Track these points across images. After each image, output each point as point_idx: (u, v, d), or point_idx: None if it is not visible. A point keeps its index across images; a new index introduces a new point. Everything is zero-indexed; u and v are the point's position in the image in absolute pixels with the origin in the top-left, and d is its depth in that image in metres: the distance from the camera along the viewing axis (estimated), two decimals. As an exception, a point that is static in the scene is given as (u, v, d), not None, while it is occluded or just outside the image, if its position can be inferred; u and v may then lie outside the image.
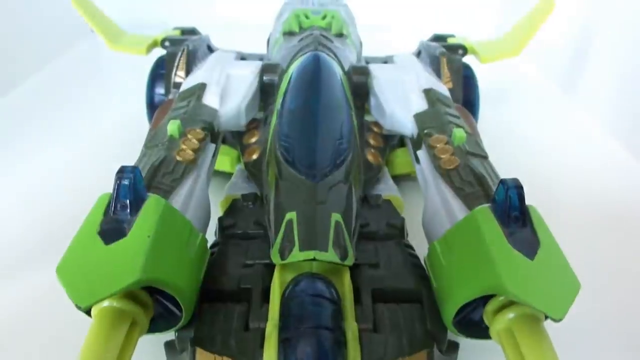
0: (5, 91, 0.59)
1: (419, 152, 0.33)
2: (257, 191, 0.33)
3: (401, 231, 0.30)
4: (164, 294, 0.22)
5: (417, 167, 0.34)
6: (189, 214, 0.26)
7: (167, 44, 0.48)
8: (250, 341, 0.23)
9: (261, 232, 0.29)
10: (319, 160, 0.29)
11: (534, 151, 0.50)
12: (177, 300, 0.22)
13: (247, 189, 0.34)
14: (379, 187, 0.35)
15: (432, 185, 0.30)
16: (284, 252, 0.25)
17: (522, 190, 0.24)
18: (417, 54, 0.48)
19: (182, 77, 0.44)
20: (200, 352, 0.23)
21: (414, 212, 0.34)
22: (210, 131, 0.32)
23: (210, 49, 0.48)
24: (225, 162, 0.40)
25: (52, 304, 0.27)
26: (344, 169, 0.29)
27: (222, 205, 0.34)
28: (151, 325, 0.23)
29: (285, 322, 0.22)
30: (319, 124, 0.31)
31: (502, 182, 0.24)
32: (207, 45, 0.48)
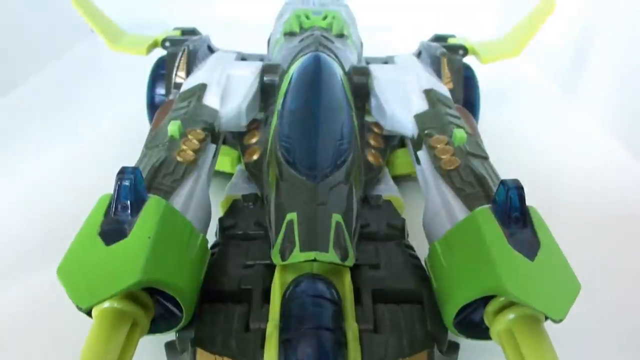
0: (5, 91, 0.59)
1: (420, 153, 0.33)
2: (258, 192, 0.33)
3: (402, 232, 0.30)
4: (165, 295, 0.22)
5: (418, 168, 0.34)
6: (189, 214, 0.27)
7: (167, 44, 0.48)
8: (250, 342, 0.23)
9: (262, 233, 0.29)
10: (319, 160, 0.29)
11: (534, 151, 0.50)
12: (178, 301, 0.22)
13: (247, 190, 0.34)
14: (379, 188, 0.35)
15: (433, 185, 0.30)
16: (284, 253, 0.25)
17: (523, 191, 0.24)
18: (418, 55, 0.48)
19: (182, 77, 0.44)
20: (200, 353, 0.23)
21: (414, 212, 0.34)
22: (210, 132, 0.32)
23: (210, 50, 0.48)
24: (225, 163, 0.40)
25: (52, 304, 0.27)
26: (345, 170, 0.29)
27: (223, 205, 0.34)
28: (152, 325, 0.23)
29: (285, 322, 0.22)
30: (319, 124, 0.31)
31: (503, 183, 0.24)
32: (208, 45, 0.48)
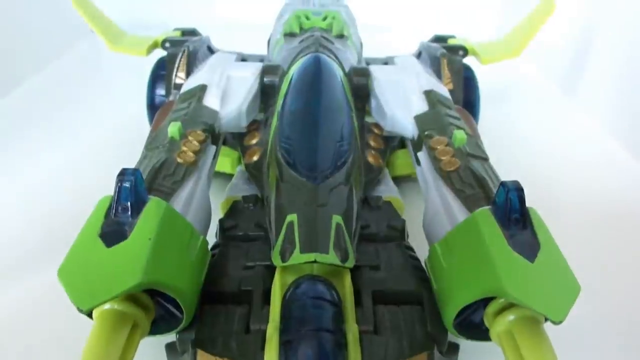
0: (6, 91, 0.59)
1: (420, 154, 0.33)
2: (258, 193, 0.33)
3: (402, 233, 0.30)
4: (165, 296, 0.22)
5: (418, 169, 0.34)
6: (189, 216, 0.27)
7: (167, 45, 0.48)
8: (251, 343, 0.23)
9: (262, 234, 0.29)
10: (319, 162, 0.29)
11: (534, 151, 0.50)
12: (178, 302, 0.22)
13: (247, 191, 0.34)
14: (379, 189, 0.35)
15: (433, 187, 0.30)
16: (284, 255, 0.25)
17: (523, 192, 0.24)
18: (418, 55, 0.48)
19: (182, 78, 0.44)
20: (201, 354, 0.23)
21: (414, 213, 0.34)
22: (211, 133, 0.32)
23: (210, 50, 0.48)
24: (225, 164, 0.40)
25: (52, 304, 0.27)
26: (345, 171, 0.29)
27: (223, 206, 0.34)
28: (152, 327, 0.23)
29: (286, 324, 0.22)
30: (319, 125, 0.31)
31: (503, 184, 0.24)
32: (208, 46, 0.48)
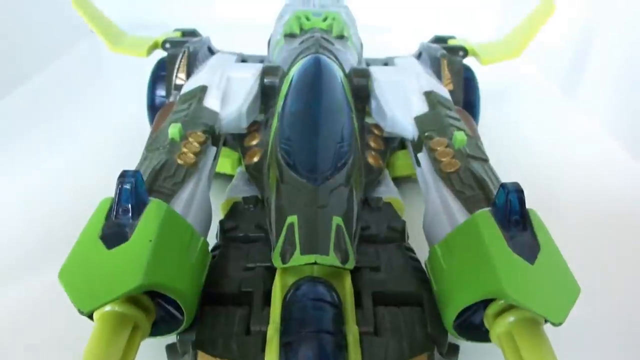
0: (6, 92, 0.59)
1: (420, 155, 0.33)
2: (258, 194, 0.33)
3: (402, 234, 0.30)
4: (166, 298, 0.22)
5: (418, 170, 0.34)
6: (190, 217, 0.27)
7: (167, 45, 0.48)
8: (251, 344, 0.23)
9: (262, 235, 0.29)
10: (320, 163, 0.29)
11: (534, 151, 0.50)
12: (179, 304, 0.22)
13: (248, 192, 0.34)
14: (379, 190, 0.35)
15: (433, 188, 0.30)
16: (285, 256, 0.25)
17: (523, 194, 0.24)
18: (418, 56, 0.48)
19: (182, 79, 0.44)
20: (201, 355, 0.23)
21: (414, 214, 0.34)
22: (211, 134, 0.32)
23: (210, 51, 0.48)
24: (226, 164, 0.40)
25: (52, 304, 0.27)
26: (345, 172, 0.29)
27: (223, 207, 0.34)
28: (153, 328, 0.23)
29: (286, 326, 0.22)
30: (320, 127, 0.31)
31: (503, 186, 0.24)
32: (208, 47, 0.48)
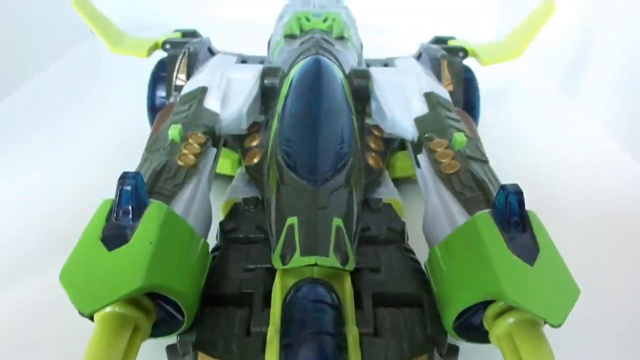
0: (6, 92, 0.59)
1: (420, 156, 0.33)
2: (259, 195, 0.33)
3: (402, 235, 0.30)
4: (166, 299, 0.23)
5: (418, 171, 0.34)
6: (190, 219, 0.27)
7: (168, 46, 0.48)
8: (251, 346, 0.23)
9: (262, 237, 0.29)
10: (320, 164, 0.29)
11: (534, 151, 0.50)
12: (179, 305, 0.22)
13: (248, 193, 0.34)
14: (379, 191, 0.35)
15: (433, 189, 0.30)
16: (285, 257, 0.25)
17: (522, 196, 0.24)
18: (418, 56, 0.48)
19: (183, 79, 0.44)
20: (202, 357, 0.23)
21: (414, 216, 0.34)
22: (211, 135, 0.32)
23: (211, 52, 0.48)
24: (226, 165, 0.40)
25: (52, 304, 0.27)
26: (345, 173, 0.29)
27: (224, 209, 0.34)
28: (153, 329, 0.23)
29: (286, 327, 0.22)
30: (320, 128, 0.31)
31: (502, 187, 0.24)
32: (208, 47, 0.48)
